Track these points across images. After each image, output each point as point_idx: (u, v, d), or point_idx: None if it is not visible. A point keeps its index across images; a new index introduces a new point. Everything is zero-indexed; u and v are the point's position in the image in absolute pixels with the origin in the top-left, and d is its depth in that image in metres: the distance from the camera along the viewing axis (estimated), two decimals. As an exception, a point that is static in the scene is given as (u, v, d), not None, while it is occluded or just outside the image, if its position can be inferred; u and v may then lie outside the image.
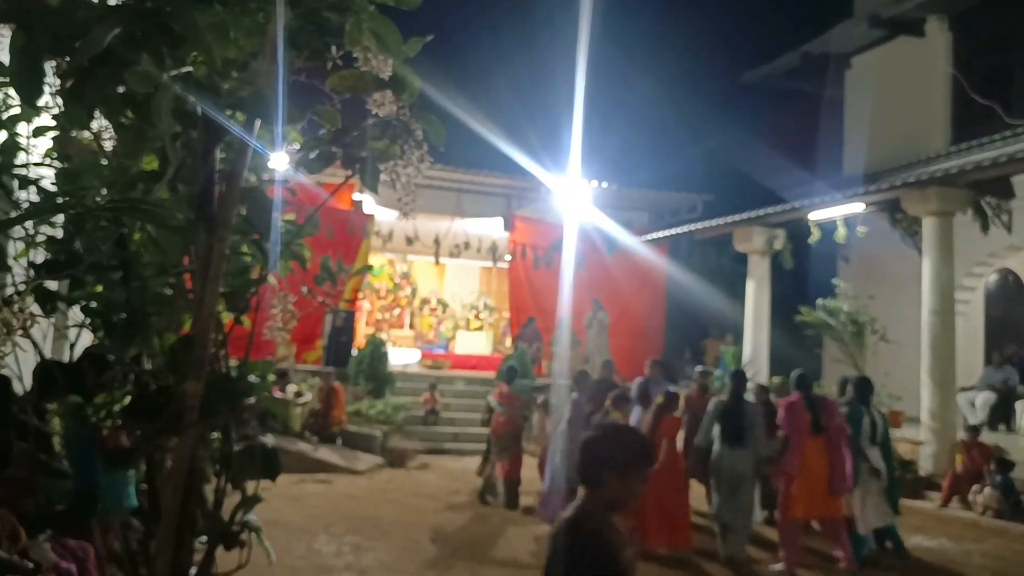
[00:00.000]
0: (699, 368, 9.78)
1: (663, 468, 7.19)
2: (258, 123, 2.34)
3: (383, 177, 2.54)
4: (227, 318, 3.00)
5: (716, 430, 7.48)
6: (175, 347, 2.39)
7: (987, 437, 10.82)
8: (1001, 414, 12.67)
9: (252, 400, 2.57)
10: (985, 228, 11.46)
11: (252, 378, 2.70)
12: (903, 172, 14.20)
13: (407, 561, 6.69)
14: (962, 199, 11.28)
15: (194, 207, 2.29)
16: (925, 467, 10.82)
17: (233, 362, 2.76)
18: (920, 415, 11.19)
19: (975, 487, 9.74)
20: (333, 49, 2.45)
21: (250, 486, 2.93)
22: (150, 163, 2.60)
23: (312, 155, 2.47)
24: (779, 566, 7.02)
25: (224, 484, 2.67)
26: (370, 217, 16.29)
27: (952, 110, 15.34)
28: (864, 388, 7.95)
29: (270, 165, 3.41)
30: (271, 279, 3.89)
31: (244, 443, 2.60)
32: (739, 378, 7.76)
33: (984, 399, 12.66)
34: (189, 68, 2.12)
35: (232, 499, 2.90)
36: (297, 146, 2.70)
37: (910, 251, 12.96)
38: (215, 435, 2.81)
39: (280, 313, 2.93)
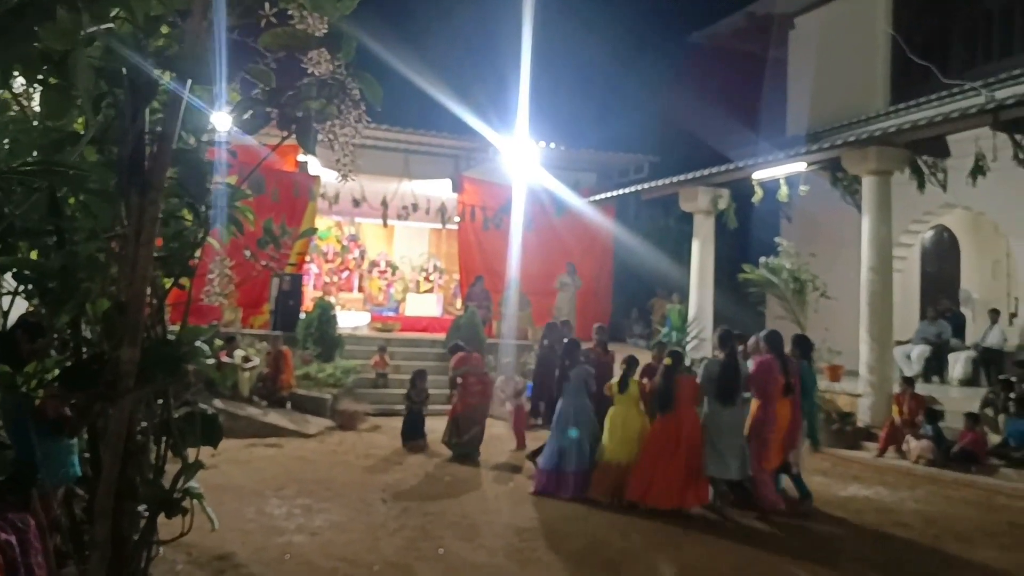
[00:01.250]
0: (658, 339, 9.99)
1: (685, 428, 7.43)
2: (190, 83, 2.28)
3: (321, 138, 2.50)
4: (166, 283, 2.94)
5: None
6: (109, 313, 2.34)
7: (922, 389, 11.23)
8: (935, 366, 13.16)
9: (191, 366, 2.54)
10: (921, 186, 11.74)
11: (197, 344, 2.67)
12: (844, 132, 14.44)
13: (358, 522, 6.72)
14: (900, 158, 11.53)
15: (124, 170, 2.23)
16: (863, 419, 11.19)
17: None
18: (859, 369, 11.55)
19: (909, 437, 10.12)
20: (267, 6, 2.39)
21: (193, 453, 2.91)
22: (81, 125, 2.52)
23: (245, 115, 2.41)
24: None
25: (165, 451, 2.64)
26: (316, 179, 16.04)
27: (892, 71, 15.61)
28: (806, 345, 8.33)
29: (211, 126, 3.34)
30: (213, 243, 3.84)
31: (184, 410, 2.57)
32: (730, 338, 7.82)
33: (919, 352, 13.12)
34: (111, 25, 2.04)
35: (175, 466, 2.88)
36: (231, 107, 2.65)
37: (850, 209, 13.24)
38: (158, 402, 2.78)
39: (218, 278, 2.89)
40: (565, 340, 8.74)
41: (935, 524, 7.44)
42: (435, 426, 11.31)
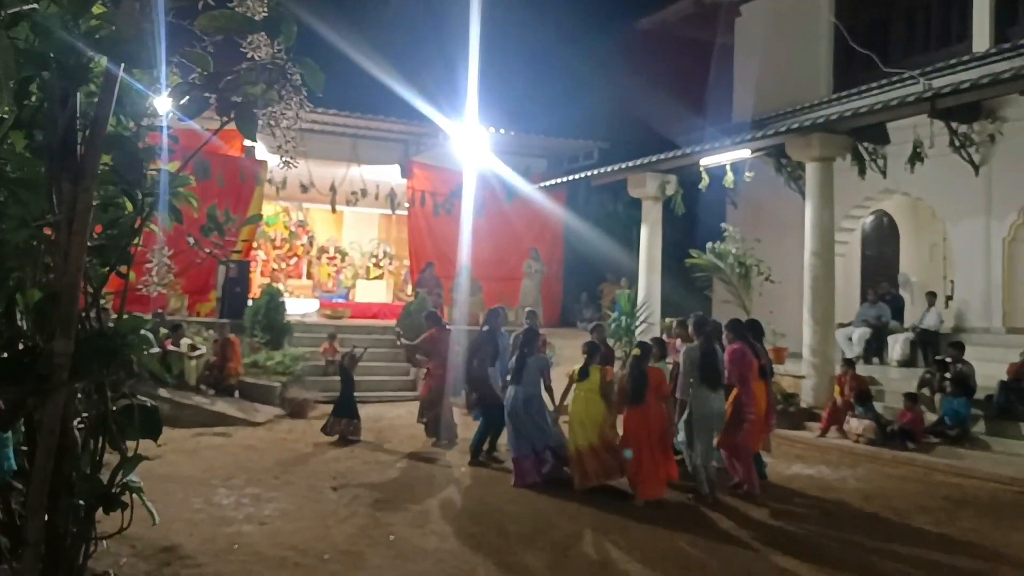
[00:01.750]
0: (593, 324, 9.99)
1: (653, 420, 7.45)
2: (124, 67, 2.22)
3: (263, 124, 2.45)
4: (104, 272, 2.87)
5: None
6: (41, 304, 2.27)
7: (862, 370, 11.52)
8: (875, 348, 13.51)
9: (130, 357, 2.49)
10: (862, 172, 12.01)
11: (142, 332, 2.61)
12: (788, 119, 14.68)
13: (308, 510, 6.68)
14: (842, 145, 11.77)
15: (54, 157, 2.16)
16: (806, 400, 11.45)
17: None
18: (802, 351, 11.80)
19: (850, 416, 10.38)
20: None
21: (138, 446, 2.84)
22: (7, 111, 2.44)
23: (182, 101, 2.36)
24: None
25: (103, 445, 2.58)
26: (262, 164, 15.77)
27: (834, 59, 15.90)
28: (757, 329, 8.57)
29: (151, 110, 3.25)
30: (155, 230, 3.76)
31: (122, 402, 2.51)
32: (706, 324, 7.96)
33: (860, 334, 13.46)
34: (34, 5, 1.97)
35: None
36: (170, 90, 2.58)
37: (794, 195, 13.50)
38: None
39: (156, 267, 2.82)
40: (525, 328, 8.71)
41: (874, 500, 7.66)
42: (383, 412, 11.33)
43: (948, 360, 10.59)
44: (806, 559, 5.78)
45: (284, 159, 2.55)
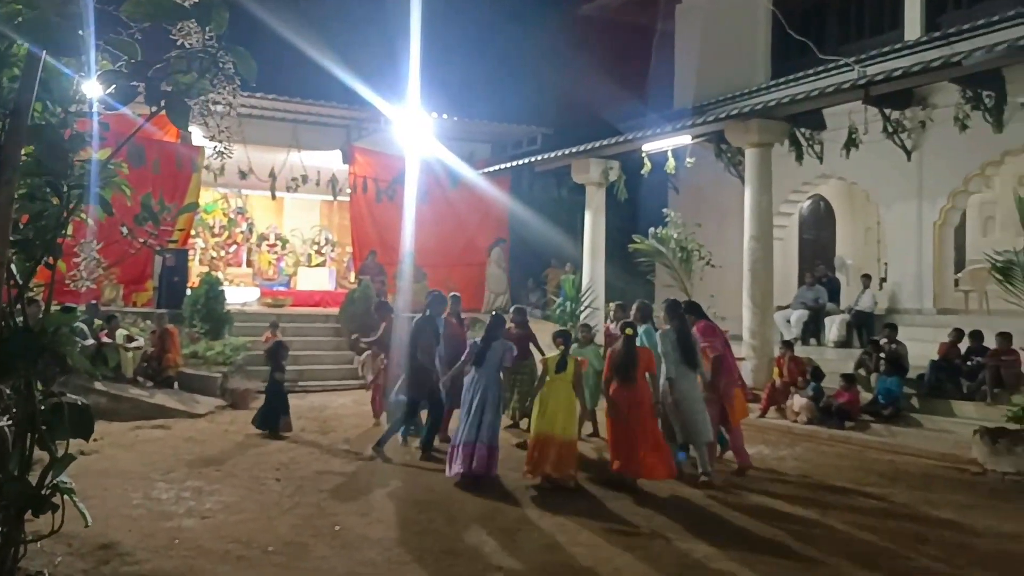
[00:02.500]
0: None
1: (644, 399, 7.41)
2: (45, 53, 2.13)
3: (195, 114, 2.38)
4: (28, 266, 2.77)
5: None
6: (-37, 299, 2.19)
7: (800, 351, 11.81)
8: (812, 330, 13.86)
9: (60, 353, 2.41)
10: (799, 158, 12.26)
11: (76, 325, 2.52)
12: (728, 105, 14.90)
13: (251, 502, 6.59)
14: (780, 131, 12.00)
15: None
16: (747, 381, 11.67)
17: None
18: (742, 334, 12.04)
19: (795, 395, 10.63)
20: None
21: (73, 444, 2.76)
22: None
23: (109, 90, 2.27)
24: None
25: (31, 445, 2.49)
26: (199, 150, 15.40)
27: (772, 46, 16.18)
28: (697, 310, 8.68)
29: (80, 96, 3.13)
30: (87, 220, 3.64)
31: (50, 400, 2.42)
32: (678, 307, 8.10)
33: (798, 316, 13.78)
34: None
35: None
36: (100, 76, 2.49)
37: (734, 180, 13.72)
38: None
39: (84, 261, 2.73)
40: (493, 313, 8.64)
41: (812, 478, 7.88)
42: (328, 402, 11.24)
43: (882, 341, 10.91)
44: (742, 538, 5.92)
45: (218, 149, 2.48)
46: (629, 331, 7.60)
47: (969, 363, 10.05)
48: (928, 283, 13.08)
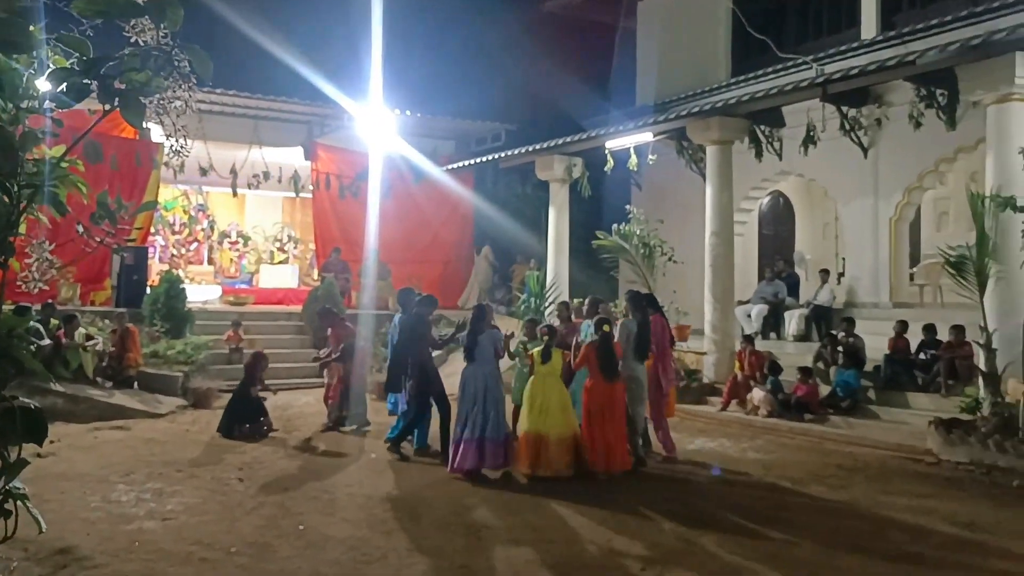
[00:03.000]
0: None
1: (620, 393, 7.65)
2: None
3: (150, 113, 2.35)
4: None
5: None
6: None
7: (760, 345, 11.98)
8: (772, 324, 14.08)
9: (14, 356, 2.37)
10: (759, 155, 12.43)
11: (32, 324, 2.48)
12: (689, 102, 15.04)
13: (214, 503, 6.52)
14: (740, 128, 12.15)
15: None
16: (708, 375, 11.84)
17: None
18: (704, 328, 12.18)
19: (756, 389, 10.78)
20: None
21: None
22: None
23: (60, 88, 2.23)
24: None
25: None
26: (158, 146, 15.14)
27: (732, 44, 16.36)
28: (655, 303, 8.98)
29: (32, 92, 3.08)
30: (42, 218, 3.57)
31: (2, 405, 2.38)
32: (641, 299, 8.40)
33: (758, 311, 13.98)
34: None
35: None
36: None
37: (695, 177, 13.86)
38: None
39: (36, 262, 2.68)
40: (476, 305, 8.61)
41: (772, 470, 8.01)
42: (291, 400, 11.17)
43: (839, 334, 11.10)
44: (706, 528, 6.00)
45: (176, 148, 2.45)
46: (607, 327, 7.70)
47: (923, 356, 10.27)
48: (884, 277, 13.34)
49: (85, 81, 2.17)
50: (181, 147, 2.46)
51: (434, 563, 5.19)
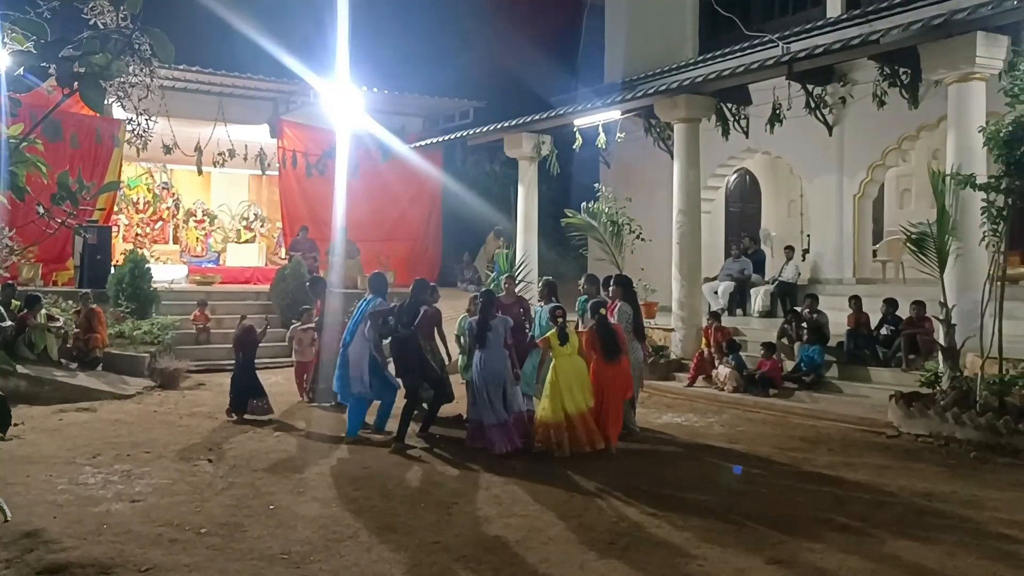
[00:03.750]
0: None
1: (625, 375, 7.97)
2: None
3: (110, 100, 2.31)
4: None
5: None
6: None
7: (727, 322, 12.14)
8: (739, 300, 14.25)
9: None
10: (726, 133, 12.49)
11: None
12: (656, 80, 15.07)
13: (183, 484, 6.51)
14: (707, 106, 12.20)
15: None
16: (676, 351, 11.98)
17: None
18: (671, 305, 12.29)
19: (716, 365, 10.94)
20: None
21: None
22: None
23: (17, 72, 2.19)
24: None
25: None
26: (119, 123, 14.87)
27: (700, 21, 16.38)
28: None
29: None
30: (1, 199, 3.51)
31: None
32: (630, 283, 8.92)
33: (725, 288, 14.14)
34: None
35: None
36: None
37: (663, 155, 13.93)
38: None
39: (-5, 249, 2.64)
40: (481, 291, 8.71)
41: (738, 444, 8.16)
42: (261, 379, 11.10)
43: (803, 311, 11.27)
44: (673, 502, 6.11)
45: (138, 132, 2.43)
46: (603, 311, 8.08)
47: (884, 331, 10.46)
48: (848, 254, 13.55)
49: (43, 64, 2.12)
50: (144, 131, 2.43)
51: (405, 540, 5.24)
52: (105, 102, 2.33)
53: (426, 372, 8.40)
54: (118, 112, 14.41)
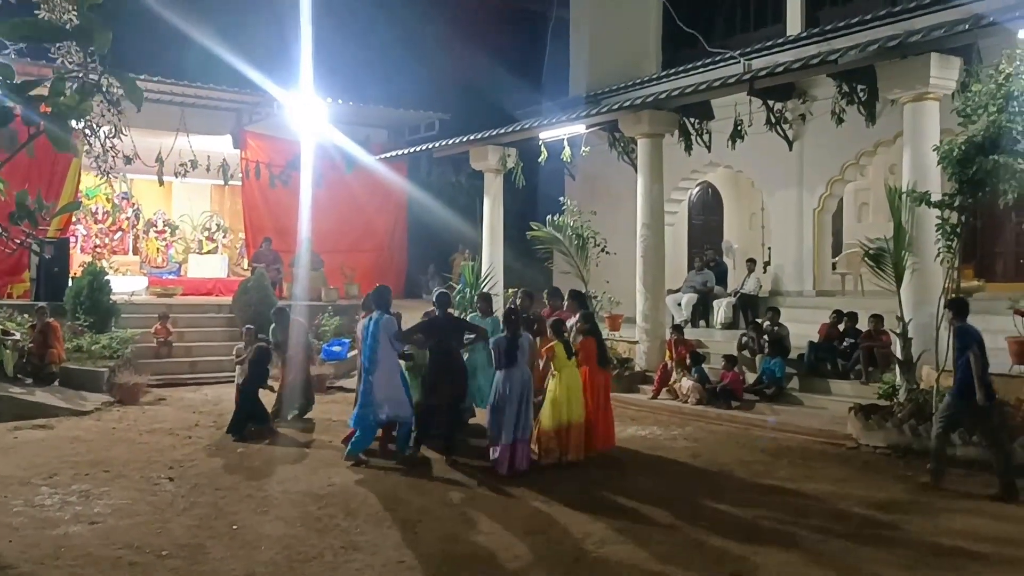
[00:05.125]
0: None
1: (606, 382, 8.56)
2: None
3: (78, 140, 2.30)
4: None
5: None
6: None
7: (690, 333, 12.26)
8: (701, 312, 14.40)
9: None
10: (689, 148, 12.63)
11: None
12: (620, 95, 15.22)
13: (143, 504, 6.41)
14: (670, 121, 12.33)
15: None
16: (640, 363, 12.06)
17: None
18: (636, 317, 12.39)
19: (679, 378, 11.04)
20: None
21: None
22: None
23: (-15, 108, 2.16)
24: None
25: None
26: (77, 133, 14.57)
27: (663, 37, 16.59)
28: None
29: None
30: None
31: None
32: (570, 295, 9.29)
33: (688, 300, 14.29)
34: None
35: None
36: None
37: (627, 168, 14.04)
38: None
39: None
40: (510, 309, 8.82)
41: (700, 457, 8.25)
42: (223, 394, 10.98)
43: (764, 323, 11.43)
44: (638, 519, 6.16)
45: (103, 171, 2.41)
46: (586, 325, 8.53)
47: (844, 344, 10.66)
48: (808, 267, 13.79)
49: (9, 105, 2.10)
50: (111, 168, 2.42)
51: (370, 559, 5.22)
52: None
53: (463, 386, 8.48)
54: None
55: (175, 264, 19.37)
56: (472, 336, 8.53)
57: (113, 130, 2.29)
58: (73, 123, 2.23)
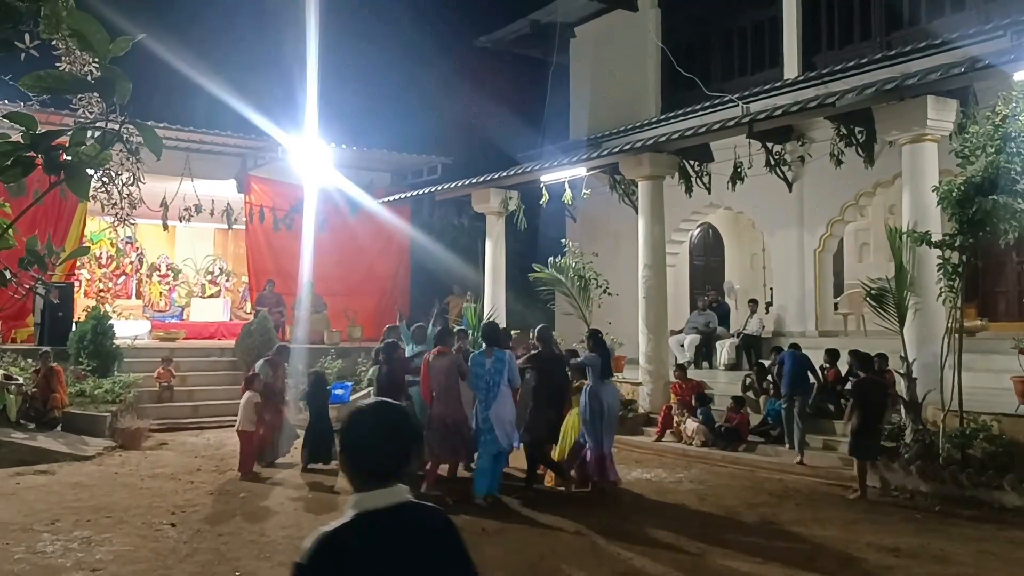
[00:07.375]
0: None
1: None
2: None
3: (96, 187, 2.34)
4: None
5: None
6: None
7: (693, 374, 12.23)
8: (704, 353, 14.38)
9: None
10: (689, 190, 12.74)
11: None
12: (621, 138, 15.38)
13: (146, 550, 6.35)
14: (670, 163, 12.46)
15: None
16: (644, 405, 12.01)
17: None
18: (639, 358, 12.38)
19: (683, 419, 10.97)
20: (26, 38, 2.20)
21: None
22: None
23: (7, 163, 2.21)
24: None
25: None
26: (85, 177, 14.73)
27: (662, 81, 16.82)
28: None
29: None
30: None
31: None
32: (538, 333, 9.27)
33: (691, 341, 14.28)
34: None
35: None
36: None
37: (628, 210, 14.15)
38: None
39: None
40: (594, 330, 9.60)
41: (707, 500, 8.18)
42: (224, 439, 10.95)
43: (767, 364, 11.39)
44: (644, 565, 6.09)
45: (119, 218, 2.45)
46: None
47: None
48: (810, 307, 13.80)
49: (29, 154, 2.15)
50: (127, 217, 2.46)
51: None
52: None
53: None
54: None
55: (178, 308, 19.41)
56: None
57: (132, 178, 2.32)
58: (91, 171, 2.25)
